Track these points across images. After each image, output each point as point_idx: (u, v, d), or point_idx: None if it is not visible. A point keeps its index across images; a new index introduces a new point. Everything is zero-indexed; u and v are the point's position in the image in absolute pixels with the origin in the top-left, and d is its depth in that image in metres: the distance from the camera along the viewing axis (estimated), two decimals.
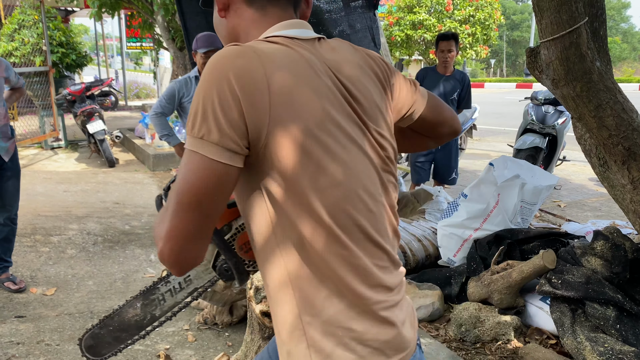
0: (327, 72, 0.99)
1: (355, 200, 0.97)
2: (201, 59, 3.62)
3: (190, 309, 3.45)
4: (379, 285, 0.99)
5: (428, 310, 2.70)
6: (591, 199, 6.05)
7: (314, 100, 0.93)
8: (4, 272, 3.66)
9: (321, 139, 0.92)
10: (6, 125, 3.49)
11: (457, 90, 4.81)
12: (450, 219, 3.10)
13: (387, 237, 1.05)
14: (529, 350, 2.34)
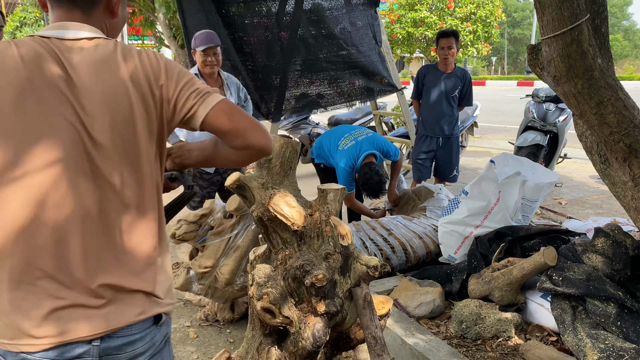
0: (54, 70, 1.08)
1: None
2: (200, 57, 3.59)
3: (192, 305, 3.46)
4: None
5: (429, 307, 2.71)
6: (592, 197, 6.04)
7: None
8: None
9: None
10: None
11: (459, 87, 4.80)
12: (451, 216, 3.11)
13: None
14: (529, 347, 2.35)
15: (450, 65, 4.80)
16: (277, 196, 1.64)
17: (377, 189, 3.71)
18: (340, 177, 3.83)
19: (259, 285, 1.70)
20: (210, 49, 3.58)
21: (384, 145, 3.93)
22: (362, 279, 1.72)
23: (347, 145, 3.85)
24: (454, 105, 4.85)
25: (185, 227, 2.92)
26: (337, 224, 1.69)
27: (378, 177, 3.68)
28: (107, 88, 1.10)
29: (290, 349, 1.73)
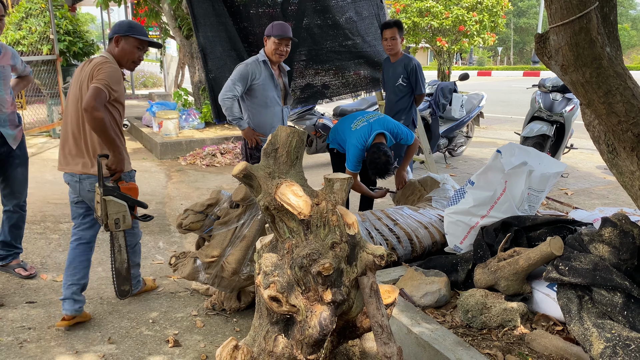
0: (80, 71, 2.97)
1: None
2: (274, 44, 3.85)
3: (199, 295, 3.49)
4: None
5: (434, 297, 2.71)
6: (598, 187, 6.02)
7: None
8: (15, 258, 3.71)
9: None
10: (13, 113, 3.53)
11: (401, 75, 4.79)
12: (457, 206, 3.11)
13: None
14: (535, 337, 2.35)
15: (396, 55, 4.86)
16: (284, 185, 1.64)
17: (384, 169, 3.75)
18: (350, 156, 3.90)
19: (265, 274, 1.71)
20: (284, 40, 3.85)
21: (395, 127, 3.98)
22: (368, 268, 1.72)
23: (359, 126, 3.94)
24: (399, 95, 4.85)
25: (192, 217, 2.93)
26: (344, 214, 1.70)
27: (385, 157, 3.73)
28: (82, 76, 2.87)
29: (297, 337, 1.74)
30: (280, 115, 4.12)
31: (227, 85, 3.90)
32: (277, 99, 4.07)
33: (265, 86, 3.95)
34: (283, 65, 4.17)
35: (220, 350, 1.81)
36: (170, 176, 6.78)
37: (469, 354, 2.24)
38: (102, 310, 3.23)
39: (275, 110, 4.08)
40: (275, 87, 4.02)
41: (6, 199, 3.59)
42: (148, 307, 3.30)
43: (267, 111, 4.04)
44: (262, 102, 4.01)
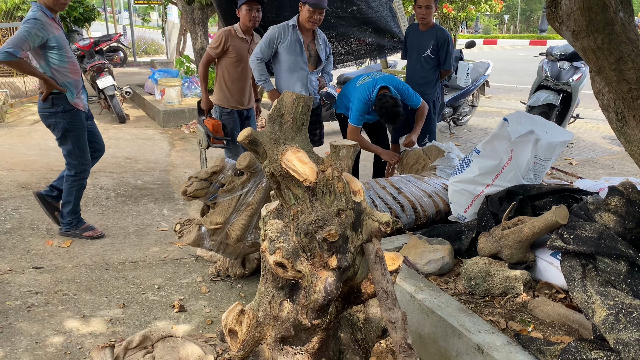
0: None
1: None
2: (307, 12, 3.92)
3: (204, 261, 3.52)
4: None
5: (438, 264, 2.73)
6: (603, 157, 5.99)
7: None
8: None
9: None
10: (79, 80, 3.72)
11: (430, 47, 4.53)
12: (462, 175, 3.09)
13: None
14: (537, 304, 2.37)
15: (427, 24, 4.59)
16: (290, 152, 1.63)
17: (394, 112, 3.75)
18: (353, 109, 3.92)
19: (271, 240, 1.72)
20: (319, 9, 3.93)
21: (400, 84, 3.98)
22: (374, 235, 1.72)
23: (364, 82, 3.96)
24: (425, 67, 4.58)
25: (196, 185, 2.93)
26: (350, 181, 1.69)
27: (393, 100, 3.75)
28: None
29: (302, 302, 1.76)
30: (305, 81, 4.15)
31: (256, 48, 4.05)
32: (303, 64, 4.10)
33: (290, 50, 4.02)
34: (318, 32, 4.20)
35: (226, 314, 1.83)
36: (174, 144, 6.76)
37: (472, 320, 2.27)
38: (108, 276, 3.26)
39: (300, 74, 4.11)
40: (301, 52, 4.06)
41: (96, 152, 3.97)
42: (153, 273, 3.34)
43: (291, 75, 4.10)
44: (286, 66, 4.08)
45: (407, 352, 1.61)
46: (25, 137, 6.52)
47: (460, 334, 2.19)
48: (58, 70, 3.51)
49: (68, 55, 3.55)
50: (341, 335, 2.04)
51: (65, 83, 3.54)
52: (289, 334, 1.85)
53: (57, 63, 3.50)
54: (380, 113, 3.80)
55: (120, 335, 2.66)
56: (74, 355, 2.49)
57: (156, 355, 2.41)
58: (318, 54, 4.19)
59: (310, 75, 4.14)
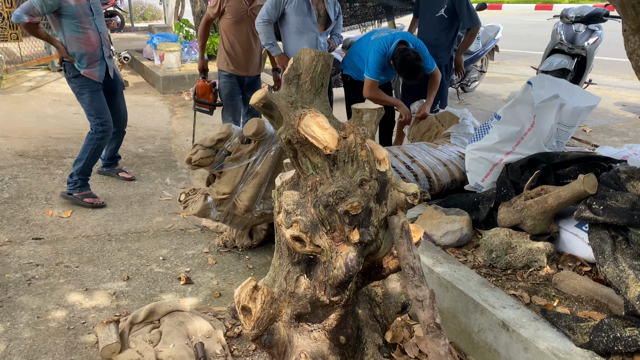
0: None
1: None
2: None
3: (209, 232, 3.40)
4: None
5: (456, 236, 2.61)
6: (617, 124, 5.82)
7: None
8: (116, 165, 4.33)
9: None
10: (109, 46, 3.86)
11: (444, 6, 4.17)
12: (481, 142, 2.94)
13: None
14: (563, 278, 2.26)
15: None
16: (308, 116, 1.48)
17: (415, 67, 3.52)
18: (370, 61, 3.69)
19: (287, 213, 1.58)
20: None
21: (418, 43, 3.76)
22: (399, 207, 1.59)
23: (380, 35, 3.73)
24: (438, 28, 4.26)
25: (202, 153, 2.79)
26: (374, 148, 1.54)
27: (415, 54, 3.53)
28: None
29: (321, 278, 1.64)
30: (314, 42, 3.97)
31: (262, 9, 3.87)
32: (312, 25, 3.93)
33: (297, 10, 3.84)
34: None
35: (239, 291, 1.71)
36: (174, 111, 6.58)
37: (495, 295, 2.16)
38: (111, 248, 3.15)
39: (310, 36, 3.94)
40: (310, 12, 3.88)
41: (115, 123, 3.93)
42: (158, 244, 3.23)
43: (300, 37, 3.92)
44: (294, 28, 3.91)
45: (436, 332, 1.49)
46: (21, 104, 6.33)
47: (484, 310, 2.08)
48: (71, 39, 3.55)
49: (83, 26, 3.56)
50: (359, 311, 1.93)
51: (75, 53, 3.57)
52: (306, 311, 1.74)
53: (70, 32, 3.53)
54: (400, 67, 3.55)
55: (125, 309, 2.56)
56: (78, 330, 2.39)
57: (163, 330, 2.32)
58: (327, 13, 3.99)
59: (319, 37, 3.94)
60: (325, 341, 1.81)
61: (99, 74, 3.68)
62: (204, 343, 2.23)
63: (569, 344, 1.86)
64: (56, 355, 2.21)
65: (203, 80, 4.37)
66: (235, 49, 4.06)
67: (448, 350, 1.51)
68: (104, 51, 3.71)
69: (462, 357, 2.20)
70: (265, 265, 3.03)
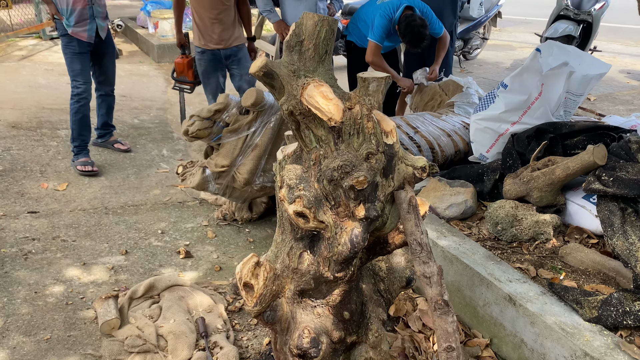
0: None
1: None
2: None
3: (208, 204, 3.34)
4: None
5: (460, 208, 2.56)
6: (622, 92, 5.72)
7: None
8: (111, 135, 4.24)
9: None
10: (104, 6, 3.76)
11: None
12: (486, 112, 2.86)
13: None
14: (570, 250, 2.22)
15: None
16: (311, 86, 1.40)
17: (420, 34, 3.43)
18: (375, 25, 3.59)
19: (290, 188, 1.52)
20: None
21: (425, 8, 3.64)
22: (407, 181, 1.53)
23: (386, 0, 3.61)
24: None
25: (199, 124, 2.70)
26: (381, 119, 1.47)
27: (421, 21, 3.44)
28: None
29: (325, 254, 1.59)
30: (314, 8, 3.84)
31: None
32: None
33: None
34: None
35: (241, 267, 1.66)
36: (170, 81, 6.43)
37: (501, 268, 2.12)
38: (108, 221, 3.10)
39: (308, 2, 3.82)
40: None
41: (101, 85, 3.98)
42: (156, 218, 3.17)
43: (298, 3, 3.80)
44: None
45: (444, 309, 1.45)
46: (13, 74, 6.19)
47: (490, 284, 2.05)
48: None
49: None
50: (363, 286, 1.89)
51: (64, 9, 3.52)
52: (309, 287, 1.70)
53: None
54: (405, 32, 3.46)
55: (123, 283, 2.52)
56: (76, 305, 2.35)
57: (163, 305, 2.28)
58: None
59: (319, 2, 3.80)
60: (328, 317, 1.77)
61: (88, 34, 3.60)
62: (205, 318, 2.19)
63: (576, 319, 1.83)
64: (55, 330, 2.18)
65: (182, 56, 4.10)
66: (204, 20, 3.69)
67: (456, 327, 1.47)
68: (94, 10, 3.60)
69: (467, 330, 2.17)
70: (266, 239, 2.99)
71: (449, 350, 1.45)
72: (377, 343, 1.86)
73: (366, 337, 1.86)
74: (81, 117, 3.70)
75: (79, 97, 3.69)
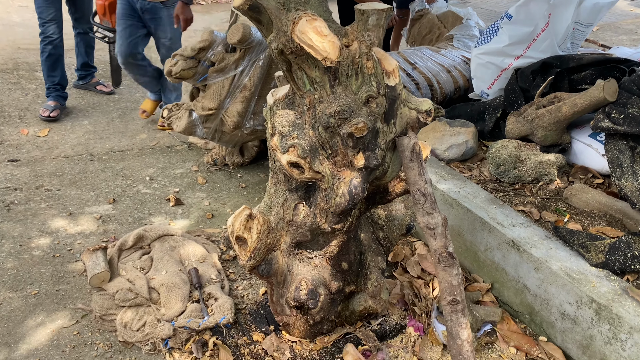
0: None
1: None
2: None
3: (197, 149, 3.21)
4: None
5: (461, 149, 2.45)
6: (626, 21, 5.49)
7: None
8: (93, 77, 4.02)
9: None
10: None
11: None
12: (488, 46, 2.70)
13: None
14: (575, 192, 2.13)
15: None
16: (304, 21, 1.24)
17: None
18: None
19: (282, 136, 1.40)
20: None
21: None
22: (410, 127, 1.41)
23: None
24: None
25: (182, 64, 2.53)
26: (382, 58, 1.32)
27: None
28: None
29: (322, 206, 1.49)
30: None
31: None
32: None
33: None
34: None
35: (232, 220, 1.56)
36: None
37: (504, 212, 2.04)
38: (94, 168, 2.97)
39: None
40: None
41: (78, 22, 3.74)
42: (144, 163, 3.05)
43: None
44: None
45: (448, 261, 1.37)
46: None
47: (492, 228, 1.97)
48: None
49: None
50: (361, 235, 1.81)
51: None
52: (305, 239, 1.62)
53: None
54: None
55: (112, 234, 2.43)
56: (64, 257, 2.27)
57: (154, 256, 2.20)
58: None
59: None
60: (326, 267, 1.70)
61: None
62: (198, 268, 2.12)
63: (582, 264, 1.77)
64: (43, 285, 2.10)
65: None
66: None
67: (461, 279, 1.40)
68: None
69: (467, 275, 2.12)
70: (259, 184, 2.88)
71: (454, 304, 1.38)
72: (376, 292, 1.80)
73: (365, 286, 1.80)
74: (47, 57, 3.47)
75: (43, 36, 3.45)
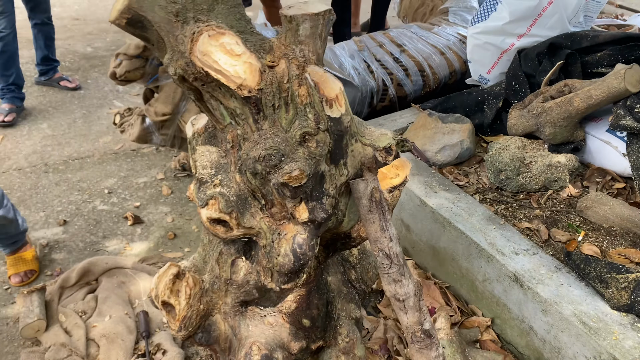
0: None
1: None
2: None
3: (166, 151, 2.88)
4: None
5: (455, 151, 2.08)
6: None
7: None
8: (55, 72, 3.69)
9: None
10: None
11: None
12: (486, 23, 2.29)
13: None
14: (591, 203, 1.78)
15: None
16: (205, 37, 0.89)
17: None
18: None
19: (201, 183, 1.06)
20: None
21: None
22: (366, 167, 1.06)
23: None
24: None
25: (127, 64, 2.17)
26: (320, 81, 0.96)
27: None
28: None
29: (264, 264, 1.16)
30: None
31: None
32: None
33: None
34: None
35: (157, 280, 1.24)
36: None
37: (504, 234, 1.69)
38: (47, 182, 2.66)
39: None
40: None
41: (34, 12, 3.47)
42: (104, 173, 2.73)
43: None
44: None
45: (425, 341, 1.04)
46: None
47: (490, 257, 1.63)
48: None
49: None
50: (329, 278, 1.48)
51: None
52: (252, 298, 1.30)
53: None
54: None
55: (59, 264, 2.14)
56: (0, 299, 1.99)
57: (99, 295, 1.90)
58: None
59: None
60: (284, 325, 1.38)
61: None
62: (148, 311, 1.82)
63: (601, 305, 1.43)
64: None
65: None
66: None
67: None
68: None
69: (463, 307, 1.80)
70: None
71: None
72: (348, 349, 1.49)
73: (335, 341, 1.49)
74: (6, 57, 3.11)
75: None
